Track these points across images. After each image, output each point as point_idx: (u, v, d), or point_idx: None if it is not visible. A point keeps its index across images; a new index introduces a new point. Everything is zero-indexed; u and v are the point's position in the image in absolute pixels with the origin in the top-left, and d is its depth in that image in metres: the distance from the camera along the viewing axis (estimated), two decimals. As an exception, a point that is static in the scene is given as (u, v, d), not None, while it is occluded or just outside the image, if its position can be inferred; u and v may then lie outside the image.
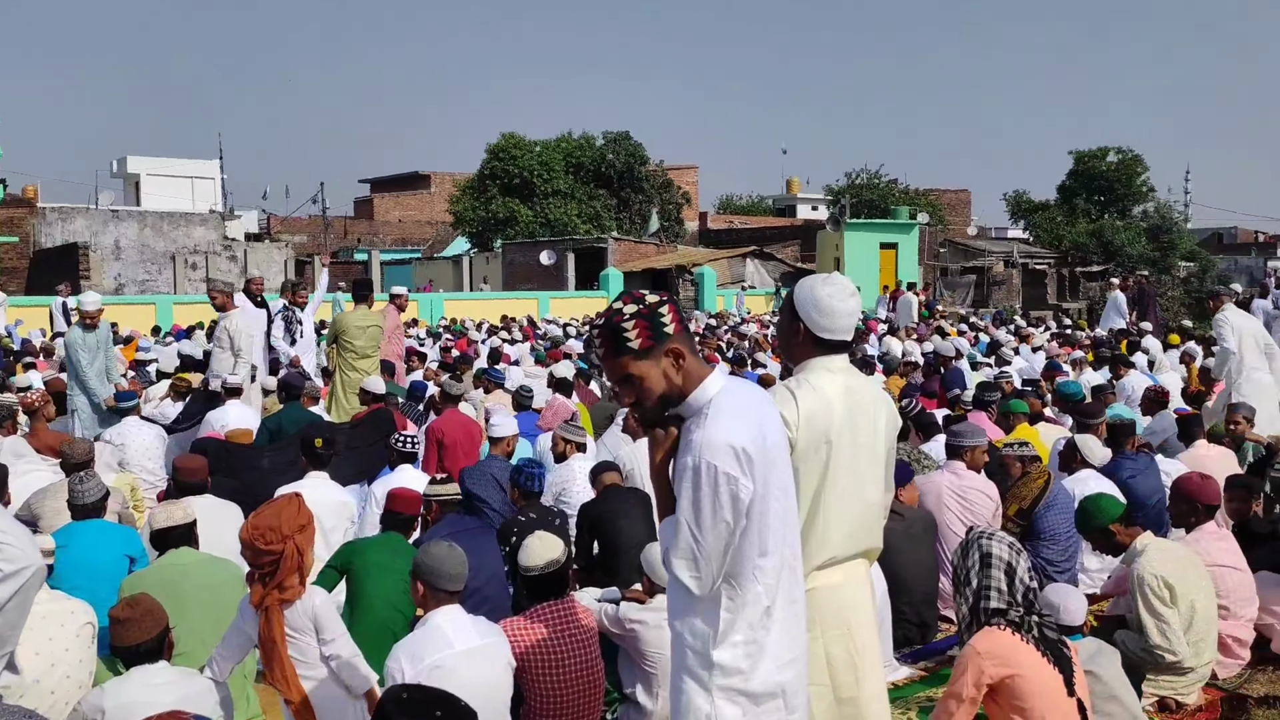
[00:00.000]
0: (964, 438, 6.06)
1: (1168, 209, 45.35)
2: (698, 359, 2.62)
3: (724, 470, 2.45)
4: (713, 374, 2.65)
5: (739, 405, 2.59)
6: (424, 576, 3.85)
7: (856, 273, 31.43)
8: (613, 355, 2.58)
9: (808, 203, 56.69)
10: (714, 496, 2.46)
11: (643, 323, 2.56)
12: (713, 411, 2.56)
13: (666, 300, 2.64)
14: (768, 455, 2.55)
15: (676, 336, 2.58)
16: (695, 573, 2.50)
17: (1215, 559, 4.81)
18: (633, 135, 41.68)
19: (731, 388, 2.64)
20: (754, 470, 2.49)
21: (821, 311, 3.13)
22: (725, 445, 2.47)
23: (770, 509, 2.56)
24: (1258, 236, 72.05)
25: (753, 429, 2.54)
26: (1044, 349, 14.96)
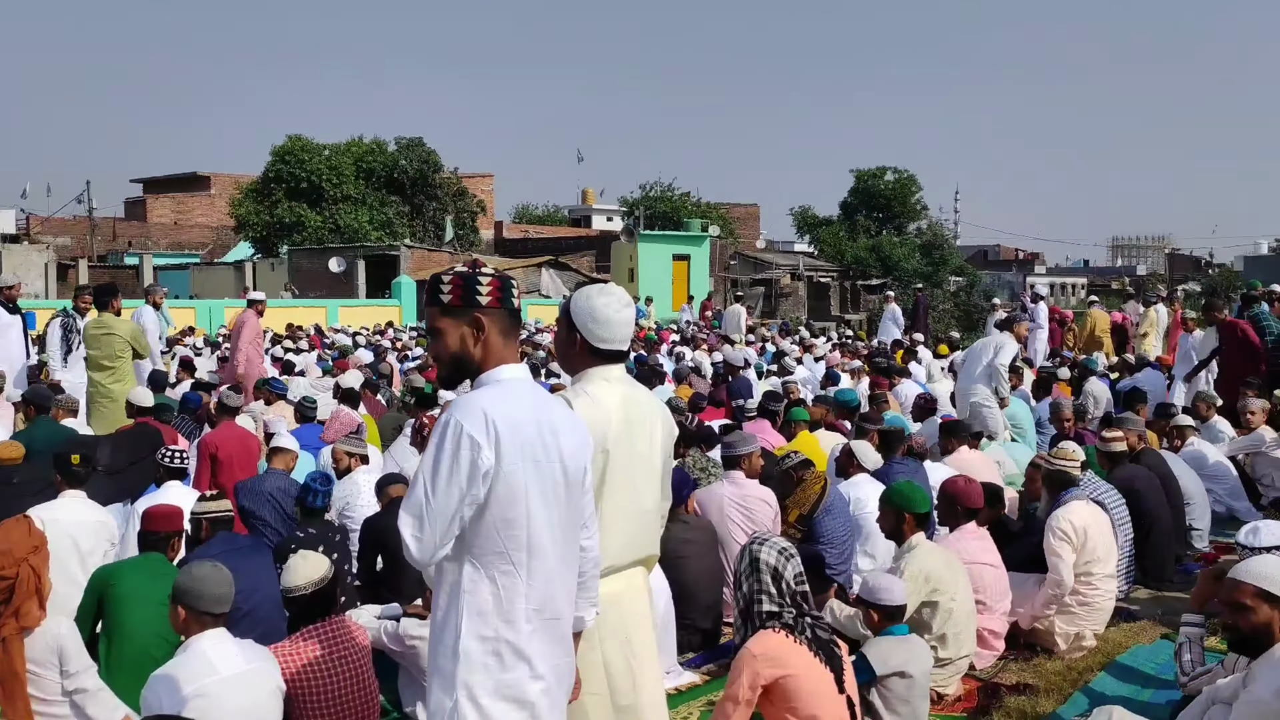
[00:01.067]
0: (737, 446, 6.18)
1: (939, 227, 48.28)
2: (507, 342, 2.62)
3: (468, 431, 2.41)
4: (517, 364, 2.64)
5: (522, 394, 2.58)
6: (185, 600, 3.63)
7: (650, 283, 32.00)
8: (428, 303, 2.64)
9: (603, 213, 57.22)
10: (453, 456, 2.40)
11: (459, 281, 2.60)
12: (489, 384, 2.58)
13: (502, 276, 2.63)
14: (531, 449, 2.50)
15: (488, 309, 2.58)
16: (418, 531, 2.42)
17: (974, 557, 5.11)
18: (426, 141, 41.05)
19: (527, 382, 2.63)
20: (502, 449, 2.43)
21: (598, 321, 3.14)
22: (479, 410, 2.44)
23: (533, 508, 2.50)
24: (1018, 254, 77.78)
25: (522, 416, 2.51)
26: (825, 358, 15.59)
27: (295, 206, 37.83)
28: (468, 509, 2.43)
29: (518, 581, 2.49)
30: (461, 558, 2.50)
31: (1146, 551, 6.40)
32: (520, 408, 2.53)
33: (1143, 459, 7.01)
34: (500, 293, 2.62)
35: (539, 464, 2.52)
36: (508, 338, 2.64)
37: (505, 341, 2.63)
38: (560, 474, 2.59)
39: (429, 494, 2.41)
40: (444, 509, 2.41)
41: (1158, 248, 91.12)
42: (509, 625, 2.49)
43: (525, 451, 2.49)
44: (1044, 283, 59.90)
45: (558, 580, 2.59)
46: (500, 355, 2.61)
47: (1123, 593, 6.10)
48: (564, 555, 2.62)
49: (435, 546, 2.42)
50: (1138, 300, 20.52)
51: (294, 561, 4.11)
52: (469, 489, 2.42)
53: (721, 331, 22.25)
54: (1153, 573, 6.46)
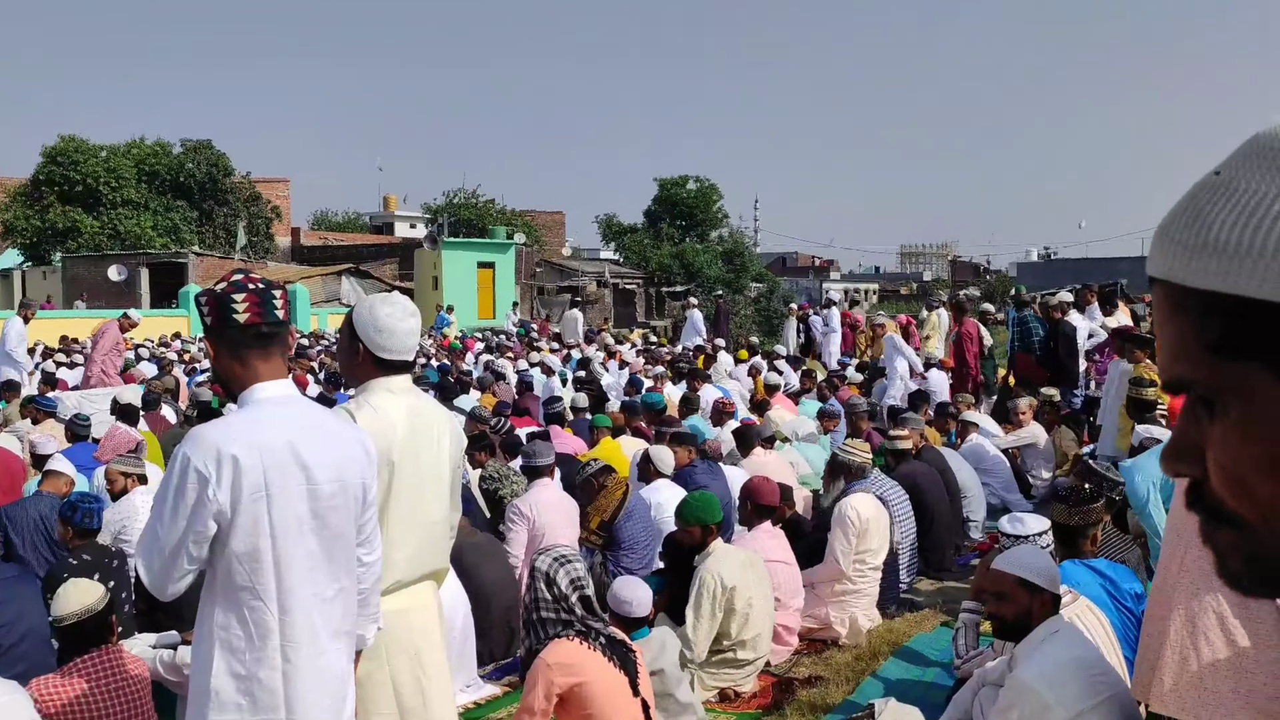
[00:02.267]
0: (538, 457, 6.15)
1: (740, 235, 49.70)
2: (266, 359, 2.51)
3: (194, 465, 2.32)
4: (279, 381, 2.53)
5: (277, 414, 2.47)
6: None
7: (455, 291, 31.56)
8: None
9: (406, 220, 56.17)
10: (178, 490, 2.33)
11: (210, 300, 2.52)
12: (246, 405, 2.49)
13: (258, 291, 2.50)
14: (280, 474, 2.40)
15: (244, 326, 2.47)
16: (147, 562, 2.37)
17: (770, 555, 5.25)
18: (215, 144, 39.25)
19: (288, 400, 2.52)
20: (240, 479, 2.33)
21: (381, 331, 3.05)
22: (210, 441, 2.36)
23: (282, 538, 2.40)
24: (814, 260, 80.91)
25: (271, 439, 2.41)
26: (630, 365, 15.75)
27: (69, 211, 35.41)
28: (194, 545, 2.34)
29: (268, 616, 2.40)
30: (213, 592, 2.41)
31: (928, 543, 6.75)
32: (271, 430, 2.43)
33: (924, 456, 7.38)
34: (259, 308, 2.51)
35: (289, 489, 2.42)
36: (267, 354, 2.53)
37: (264, 358, 2.52)
38: (328, 494, 2.49)
39: (158, 526, 2.35)
40: (170, 542, 2.33)
41: (942, 255, 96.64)
42: (261, 663, 2.39)
43: (272, 477, 2.39)
44: (839, 288, 62.56)
45: (318, 611, 2.48)
46: (258, 373, 2.51)
47: (906, 584, 6.41)
48: (328, 581, 2.51)
49: (166, 579, 2.36)
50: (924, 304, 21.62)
51: (64, 589, 3.84)
52: (193, 523, 2.33)
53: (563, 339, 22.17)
54: (934, 563, 6.81)
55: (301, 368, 14.88)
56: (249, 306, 2.49)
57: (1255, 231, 0.64)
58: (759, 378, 13.47)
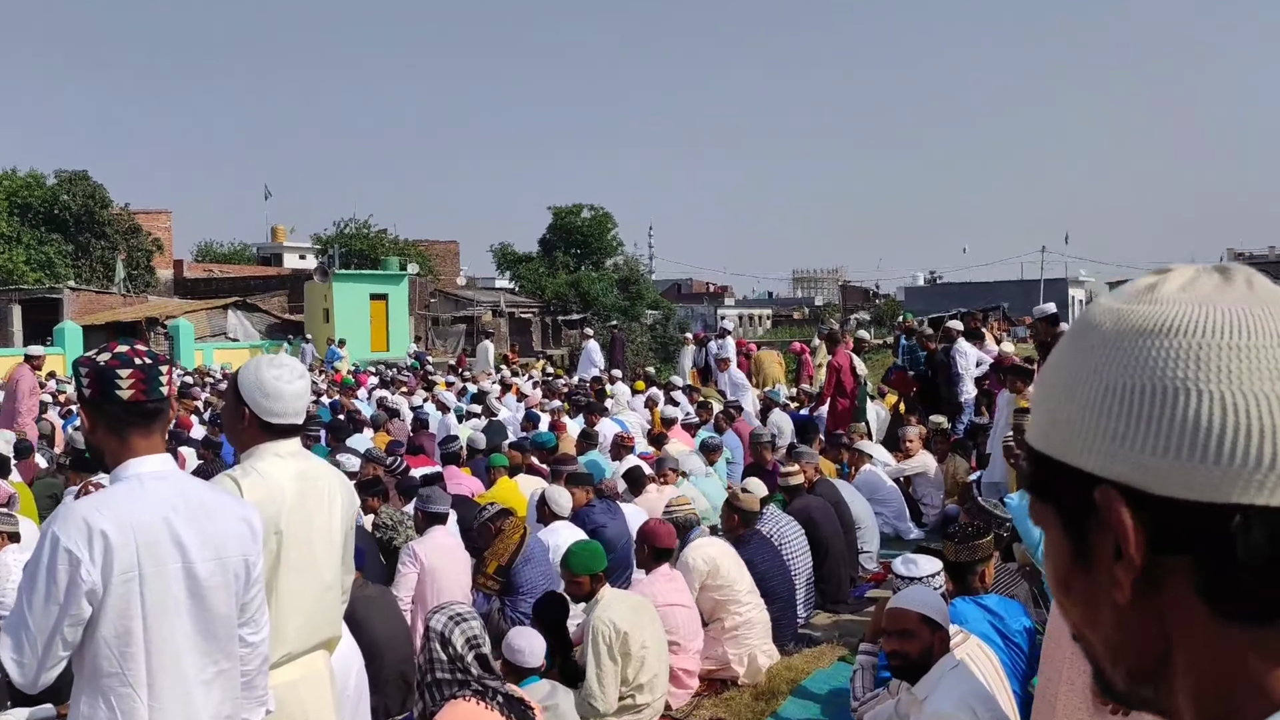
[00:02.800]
0: (433, 503, 6.05)
1: (635, 262, 49.99)
2: (138, 433, 2.42)
3: (64, 545, 2.22)
4: (155, 455, 2.43)
5: (153, 491, 2.38)
6: None
7: (347, 324, 31.02)
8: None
9: (295, 251, 55.07)
10: (49, 573, 2.21)
11: (79, 370, 2.43)
12: (120, 480, 2.39)
13: (132, 362, 2.41)
14: (154, 553, 2.31)
15: (107, 400, 2.38)
16: (17, 654, 2.22)
17: (667, 599, 5.26)
18: (92, 175, 37.96)
19: (165, 476, 2.43)
20: (112, 559, 2.24)
21: (268, 395, 2.97)
22: (81, 520, 2.25)
23: (155, 620, 2.31)
24: (709, 287, 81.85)
25: (145, 517, 2.32)
26: (527, 398, 15.66)
27: (-69, 246, 33.87)
28: (69, 629, 2.23)
29: (138, 705, 2.29)
30: (80, 679, 2.30)
31: (823, 576, 6.84)
32: (146, 507, 2.34)
33: (817, 489, 7.49)
34: (144, 384, 2.42)
35: (164, 568, 2.33)
36: (148, 432, 2.44)
37: (144, 435, 2.43)
38: (209, 575, 2.41)
39: (26, 613, 2.21)
40: (42, 628, 2.21)
41: (833, 279, 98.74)
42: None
43: (145, 556, 2.30)
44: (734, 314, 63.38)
45: (198, 696, 2.39)
46: (136, 450, 2.42)
47: (803, 618, 6.48)
48: (206, 664, 2.42)
49: (36, 669, 2.23)
50: (817, 332, 22.03)
51: None
52: (67, 607, 2.22)
53: (473, 372, 21.82)
54: (830, 596, 6.91)
55: (186, 408, 14.38)
56: (134, 383, 2.40)
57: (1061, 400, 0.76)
58: (656, 410, 13.49)
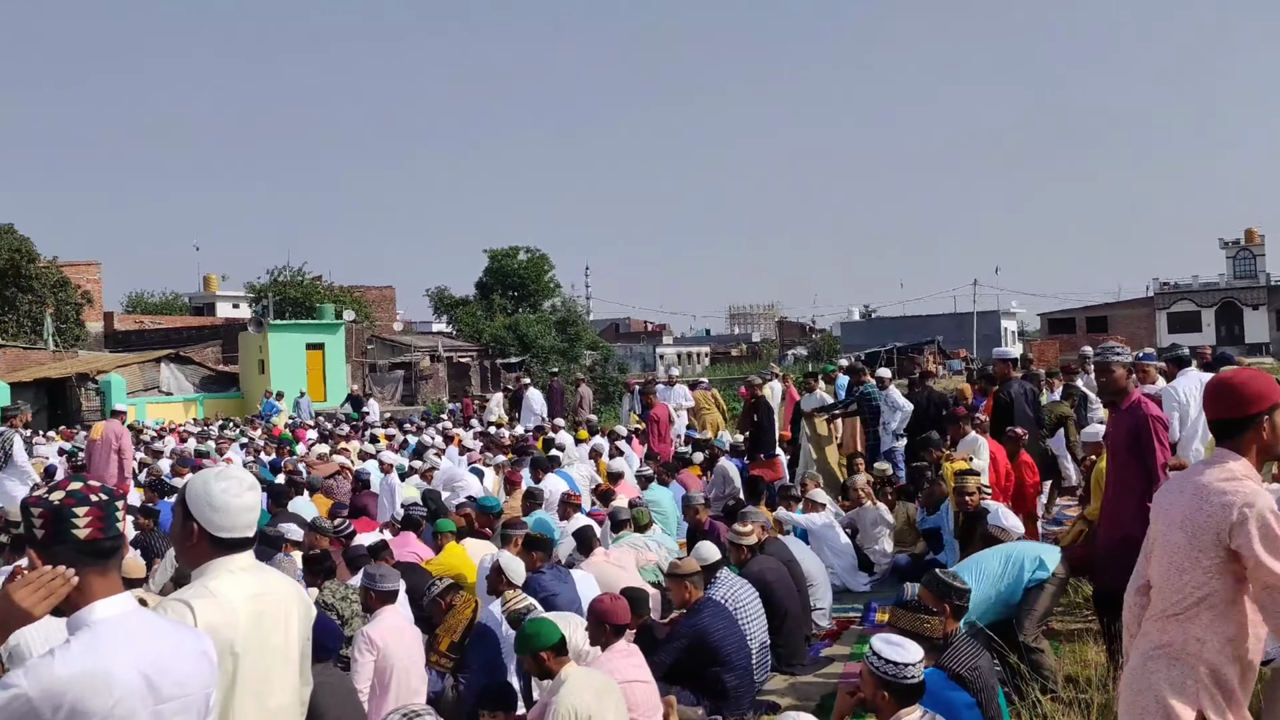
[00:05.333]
0: (377, 581, 5.91)
1: (573, 303, 50.02)
2: (97, 574, 2.32)
3: (38, 707, 2.12)
4: (113, 599, 2.35)
5: (118, 637, 2.29)
6: None
7: (282, 375, 30.57)
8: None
9: (228, 300, 54.33)
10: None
11: (49, 515, 2.32)
12: (77, 637, 2.28)
13: (58, 509, 2.31)
14: (129, 705, 2.23)
15: (54, 543, 2.29)
16: None
17: (625, 675, 5.19)
18: (17, 228, 37.19)
19: (126, 618, 2.33)
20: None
21: (216, 509, 2.89)
22: (56, 687, 2.14)
23: None
24: (647, 325, 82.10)
25: (117, 667, 2.23)
26: (470, 452, 15.46)
27: None
28: None
29: None
30: None
31: (780, 639, 6.82)
32: (116, 659, 2.25)
33: (767, 548, 7.49)
34: (101, 521, 2.34)
35: (138, 715, 2.25)
36: (105, 570, 2.36)
37: (102, 575, 2.35)
38: (171, 712, 2.33)
39: None
40: None
41: (769, 315, 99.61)
42: None
43: (123, 707, 2.22)
44: (672, 352, 63.62)
45: None
46: (94, 592, 2.33)
47: (759, 683, 6.46)
48: None
49: None
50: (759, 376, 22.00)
51: None
52: None
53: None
54: (785, 658, 6.89)
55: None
56: (91, 520, 2.32)
57: None
58: (601, 461, 13.39)
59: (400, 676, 5.56)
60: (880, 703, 3.85)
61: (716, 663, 5.96)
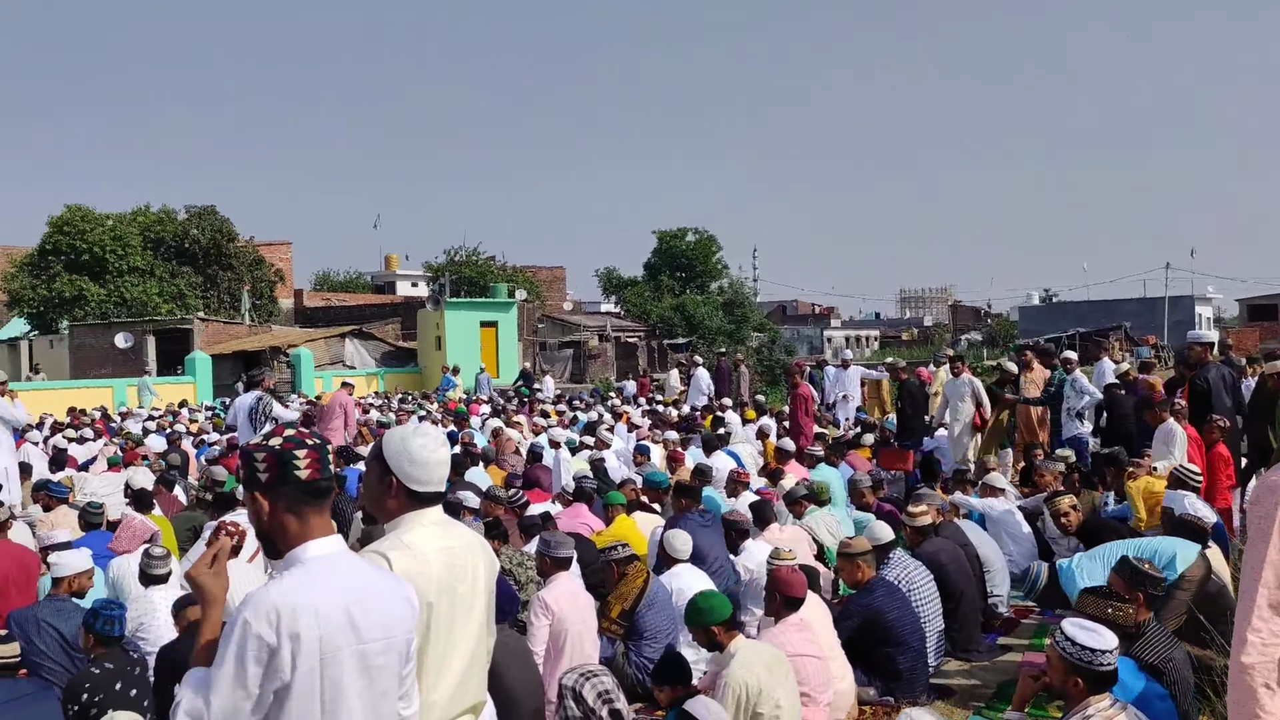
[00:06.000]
0: (552, 548, 6.05)
1: (740, 285, 49.86)
2: (307, 517, 2.49)
3: (256, 632, 2.26)
4: (325, 538, 2.50)
5: (328, 574, 2.43)
6: None
7: (458, 351, 31.60)
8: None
9: (407, 279, 56.46)
10: (239, 660, 2.26)
11: (241, 460, 2.51)
12: (292, 565, 2.45)
13: (280, 452, 2.48)
14: (335, 639, 2.36)
15: (268, 486, 2.47)
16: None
17: (797, 649, 5.18)
18: (219, 209, 39.59)
19: (335, 558, 2.49)
20: (299, 646, 2.29)
21: (415, 463, 3.02)
22: (271, 607, 2.29)
23: (337, 703, 2.36)
24: (814, 308, 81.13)
25: (326, 602, 2.37)
26: (639, 429, 15.63)
27: (76, 279, 35.63)
28: (253, 715, 2.28)
29: None
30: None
31: (954, 623, 6.66)
32: (324, 593, 2.39)
33: (942, 530, 7.31)
34: (318, 463, 2.50)
35: (342, 654, 2.38)
36: (322, 510, 2.51)
37: (319, 514, 2.50)
38: (377, 655, 2.46)
39: (211, 695, 2.26)
40: (228, 712, 2.26)
41: (941, 299, 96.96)
42: None
43: (327, 644, 2.35)
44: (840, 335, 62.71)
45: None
46: (313, 530, 2.48)
47: (934, 666, 6.33)
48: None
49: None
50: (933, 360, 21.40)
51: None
52: (256, 695, 2.27)
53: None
54: (960, 643, 6.72)
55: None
56: (310, 462, 2.48)
57: None
58: (768, 441, 13.35)
59: (574, 640, 5.68)
60: (1071, 689, 3.71)
61: (889, 643, 5.87)
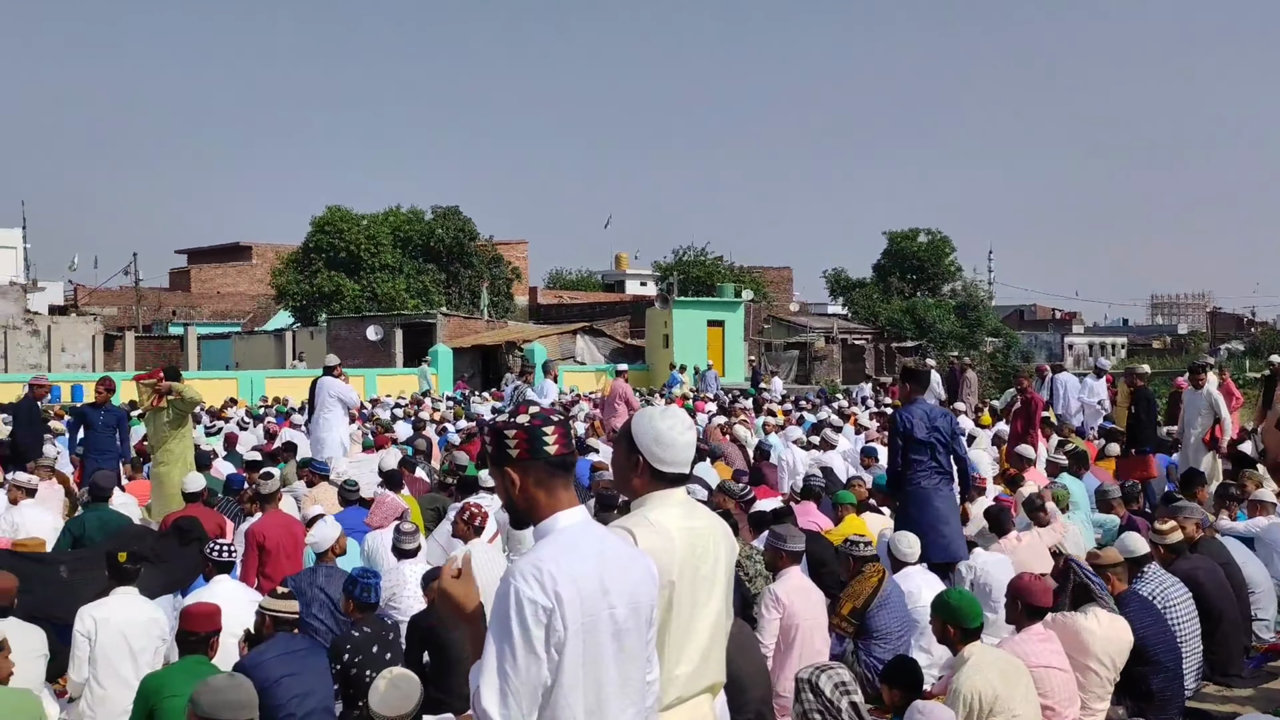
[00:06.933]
0: (785, 541, 6.04)
1: (974, 287, 48.16)
2: (554, 490, 2.60)
3: (531, 597, 2.38)
4: (572, 509, 2.62)
5: (580, 543, 2.54)
6: (203, 712, 3.62)
7: (685, 349, 32.00)
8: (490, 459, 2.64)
9: (636, 278, 57.56)
10: (523, 626, 2.38)
11: (491, 435, 2.62)
12: (545, 534, 2.56)
13: (529, 428, 2.60)
14: (593, 604, 2.46)
15: (518, 461, 2.59)
16: (504, 710, 2.38)
17: (1040, 660, 4.96)
18: (462, 210, 41.65)
19: (584, 527, 2.60)
20: (564, 609, 2.40)
21: (662, 444, 3.10)
22: (540, 572, 2.41)
23: (593, 668, 2.46)
24: (1054, 313, 77.20)
25: (582, 569, 2.47)
26: (866, 431, 15.38)
27: (334, 276, 38.38)
28: (549, 679, 2.40)
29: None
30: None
31: (1213, 646, 6.21)
32: (579, 559, 2.50)
33: (1201, 547, 6.83)
34: (564, 438, 2.62)
35: (599, 617, 2.48)
36: (568, 483, 2.63)
37: (566, 487, 2.62)
38: (625, 620, 2.55)
39: (509, 668, 2.38)
40: (528, 680, 2.38)
41: (1199, 305, 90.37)
42: None
43: (586, 607, 2.45)
44: (1082, 342, 59.52)
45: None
46: (561, 501, 2.60)
47: (1191, 690, 5.93)
48: (627, 706, 2.57)
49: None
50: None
51: (382, 685, 4.09)
52: (544, 656, 2.39)
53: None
54: (1219, 667, 6.27)
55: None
56: (557, 438, 2.60)
57: None
58: (1005, 447, 12.85)
59: (805, 635, 5.66)
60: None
61: (1141, 661, 5.53)
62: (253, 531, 7.68)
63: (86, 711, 5.45)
